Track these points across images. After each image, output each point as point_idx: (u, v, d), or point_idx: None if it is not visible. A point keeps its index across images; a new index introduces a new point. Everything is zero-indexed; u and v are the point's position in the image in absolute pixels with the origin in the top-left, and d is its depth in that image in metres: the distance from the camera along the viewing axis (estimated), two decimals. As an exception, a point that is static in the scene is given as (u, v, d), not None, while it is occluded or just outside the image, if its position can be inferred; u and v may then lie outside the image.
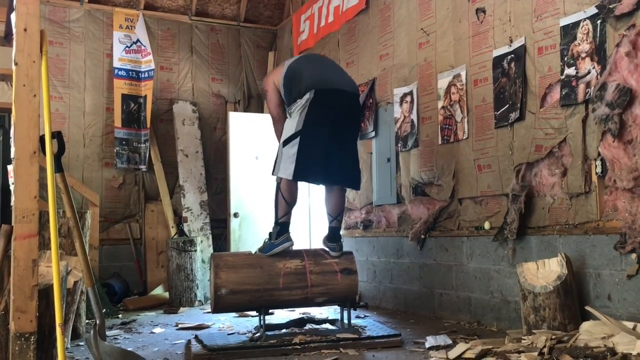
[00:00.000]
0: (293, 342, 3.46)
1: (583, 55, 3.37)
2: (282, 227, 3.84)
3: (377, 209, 5.30)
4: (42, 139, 2.75)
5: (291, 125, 3.82)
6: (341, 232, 5.69)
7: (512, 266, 3.78)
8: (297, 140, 3.74)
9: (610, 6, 3.18)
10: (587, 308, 3.07)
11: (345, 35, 5.90)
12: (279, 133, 4.02)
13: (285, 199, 3.84)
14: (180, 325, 4.52)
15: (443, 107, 4.49)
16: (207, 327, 4.43)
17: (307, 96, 3.77)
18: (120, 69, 6.77)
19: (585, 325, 2.97)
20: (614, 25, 3.19)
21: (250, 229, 6.43)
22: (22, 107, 2.63)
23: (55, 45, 6.47)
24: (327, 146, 3.78)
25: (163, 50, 7.05)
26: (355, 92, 4.00)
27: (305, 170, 3.76)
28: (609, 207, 3.21)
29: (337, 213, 4.01)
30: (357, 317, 4.53)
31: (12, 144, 2.74)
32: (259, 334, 3.63)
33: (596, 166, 3.28)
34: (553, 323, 3.15)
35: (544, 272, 3.28)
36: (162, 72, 7.01)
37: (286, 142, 3.80)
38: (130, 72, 6.82)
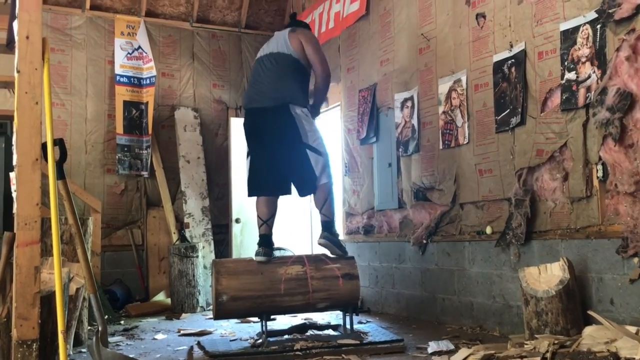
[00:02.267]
0: (295, 348, 3.45)
1: (583, 59, 3.37)
2: (260, 239, 4.00)
3: (378, 214, 5.30)
4: (44, 146, 2.76)
5: None
6: (342, 237, 5.73)
7: (514, 271, 3.77)
8: (247, 159, 4.13)
9: (610, 11, 3.19)
10: (590, 312, 3.07)
11: (346, 41, 5.91)
12: None
13: (257, 214, 4.09)
14: (182, 332, 4.51)
15: (444, 112, 4.49)
16: (209, 333, 4.43)
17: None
18: (121, 76, 6.79)
19: (588, 330, 2.96)
20: (613, 30, 3.20)
21: (252, 235, 6.42)
22: (24, 114, 2.65)
23: (57, 52, 6.49)
24: (267, 161, 4.00)
25: (164, 56, 7.07)
26: (279, 104, 3.97)
27: (254, 186, 4.07)
28: (611, 211, 3.21)
29: (320, 206, 4.05)
30: (360, 322, 4.52)
31: (14, 151, 2.75)
32: (260, 340, 3.63)
33: (597, 170, 3.28)
34: (555, 328, 3.14)
35: (546, 277, 3.28)
36: (163, 78, 7.03)
37: None
38: (132, 79, 6.84)
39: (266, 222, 4.02)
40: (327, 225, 4.02)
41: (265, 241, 3.93)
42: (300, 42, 4.11)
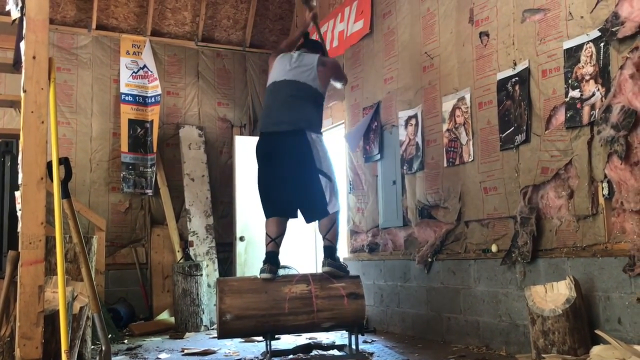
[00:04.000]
0: (299, 368, 3.42)
1: (587, 77, 3.38)
2: (266, 256, 3.99)
3: (383, 232, 5.28)
4: (49, 165, 2.77)
5: None
6: (347, 255, 5.71)
7: (520, 289, 3.74)
8: (258, 181, 4.13)
9: (613, 29, 3.20)
10: (597, 332, 3.03)
11: (350, 60, 5.94)
12: None
13: (266, 231, 4.08)
14: (186, 351, 4.48)
15: (448, 130, 4.50)
16: (213, 352, 4.40)
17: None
18: (127, 94, 6.83)
19: (595, 350, 2.93)
20: (617, 48, 3.21)
21: (256, 253, 6.40)
22: (30, 133, 2.66)
23: (63, 71, 6.55)
24: (279, 183, 4.04)
25: (169, 75, 7.11)
26: (295, 129, 4.03)
27: (268, 208, 4.09)
28: (617, 229, 3.18)
29: (325, 232, 4.05)
30: (365, 342, 4.48)
31: (19, 170, 2.76)
32: (265, 360, 3.60)
33: (603, 188, 3.27)
34: (563, 347, 3.11)
35: (553, 296, 3.25)
36: (168, 97, 7.07)
37: None
38: (137, 97, 6.88)
39: (274, 240, 4.01)
40: (330, 252, 4.01)
41: (272, 259, 3.92)
42: (329, 78, 4.36)
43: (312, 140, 4.02)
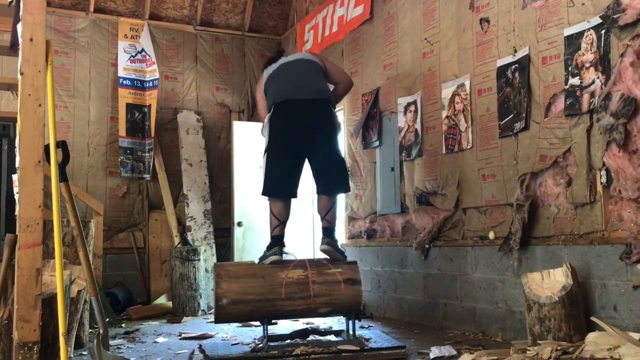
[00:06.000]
0: (294, 353, 3.44)
1: (587, 65, 3.36)
2: (272, 240, 3.94)
3: (381, 219, 5.28)
4: (46, 148, 2.76)
5: (265, 142, 4.07)
6: (345, 242, 5.72)
7: (516, 276, 3.76)
8: (266, 156, 3.99)
9: (614, 16, 3.18)
10: (593, 319, 3.05)
11: (349, 45, 5.91)
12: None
13: (274, 214, 3.98)
14: (183, 335, 4.51)
15: (447, 117, 4.49)
16: (211, 336, 4.42)
17: (270, 113, 4.01)
18: (125, 79, 6.80)
19: (591, 336, 2.94)
20: (618, 35, 3.19)
21: (254, 238, 6.42)
22: (27, 116, 2.65)
23: (60, 54, 6.51)
24: (294, 158, 3.93)
25: (168, 59, 7.08)
26: (319, 97, 3.99)
27: (273, 185, 3.92)
28: (614, 217, 3.19)
29: (325, 212, 4.00)
30: (362, 327, 4.50)
31: (17, 153, 2.75)
32: (261, 345, 3.62)
33: (601, 176, 3.27)
34: (558, 334, 3.13)
35: (549, 283, 3.26)
36: (166, 81, 7.04)
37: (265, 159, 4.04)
38: (135, 82, 6.85)
39: (282, 223, 3.97)
40: (329, 232, 3.99)
41: (280, 241, 3.93)
42: (323, 60, 4.32)
43: (334, 114, 4.03)
